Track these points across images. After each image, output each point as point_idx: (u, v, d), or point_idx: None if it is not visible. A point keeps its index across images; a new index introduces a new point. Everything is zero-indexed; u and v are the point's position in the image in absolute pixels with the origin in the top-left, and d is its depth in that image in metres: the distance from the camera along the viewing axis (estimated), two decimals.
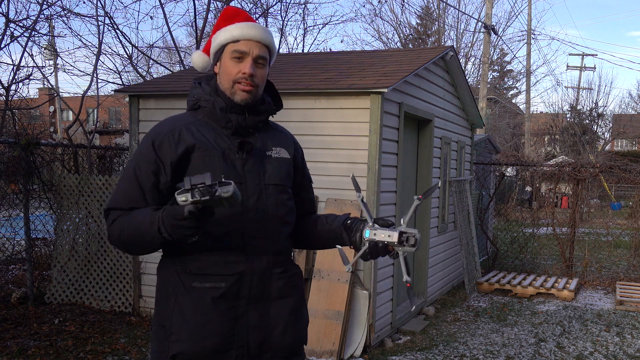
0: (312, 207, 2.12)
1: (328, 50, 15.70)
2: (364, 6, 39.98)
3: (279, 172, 1.92)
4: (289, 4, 14.18)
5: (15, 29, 8.62)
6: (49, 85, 13.37)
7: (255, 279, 1.84)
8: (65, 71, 40.77)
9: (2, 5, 8.25)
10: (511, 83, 33.85)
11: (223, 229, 1.79)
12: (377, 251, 1.80)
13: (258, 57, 1.86)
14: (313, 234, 2.03)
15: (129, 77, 15.45)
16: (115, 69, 14.99)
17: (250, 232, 1.83)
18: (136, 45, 12.06)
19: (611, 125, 35.66)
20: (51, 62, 15.86)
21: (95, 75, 9.14)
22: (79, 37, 18.88)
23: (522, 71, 28.71)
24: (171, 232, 1.65)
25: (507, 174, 11.27)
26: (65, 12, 9.32)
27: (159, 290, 1.90)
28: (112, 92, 14.82)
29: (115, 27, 10.53)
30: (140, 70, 12.75)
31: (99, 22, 9.73)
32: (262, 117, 1.92)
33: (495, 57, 26.83)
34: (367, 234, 1.79)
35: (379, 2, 27.74)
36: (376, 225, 1.81)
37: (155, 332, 1.89)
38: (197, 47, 11.74)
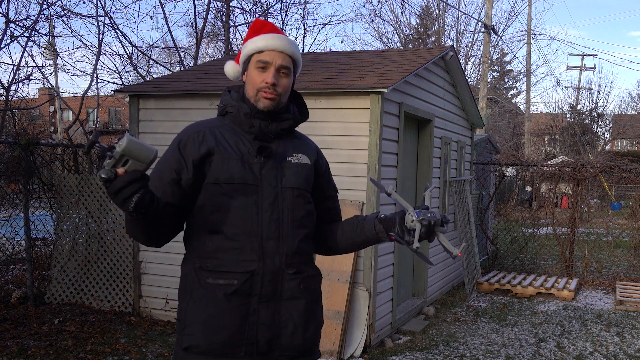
0: (337, 216, 2.19)
1: (328, 50, 15.70)
2: (364, 6, 39.99)
3: (297, 177, 1.99)
4: (289, 4, 14.17)
5: (15, 29, 8.63)
6: (49, 85, 13.38)
7: (266, 277, 1.90)
8: (65, 71, 40.79)
9: (2, 5, 8.26)
10: (511, 83, 33.88)
11: (238, 229, 1.89)
12: (431, 230, 1.88)
13: (281, 67, 1.95)
14: (341, 236, 2.10)
15: (129, 77, 15.46)
16: (115, 69, 15.00)
17: (264, 233, 1.90)
18: (136, 45, 12.07)
19: (611, 125, 35.66)
20: (51, 62, 15.85)
21: (95, 75, 9.16)
22: (79, 37, 18.96)
23: (522, 71, 28.75)
24: (116, 204, 1.69)
25: (507, 174, 11.28)
26: (65, 12, 9.35)
27: (180, 285, 2.00)
28: (112, 92, 14.82)
29: (115, 27, 10.56)
30: (140, 70, 12.76)
31: (99, 22, 9.76)
32: (284, 124, 2.00)
33: (495, 57, 26.83)
34: (418, 214, 1.87)
35: (379, 2, 27.79)
36: (418, 210, 1.90)
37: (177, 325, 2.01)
38: (197, 47, 11.76)
